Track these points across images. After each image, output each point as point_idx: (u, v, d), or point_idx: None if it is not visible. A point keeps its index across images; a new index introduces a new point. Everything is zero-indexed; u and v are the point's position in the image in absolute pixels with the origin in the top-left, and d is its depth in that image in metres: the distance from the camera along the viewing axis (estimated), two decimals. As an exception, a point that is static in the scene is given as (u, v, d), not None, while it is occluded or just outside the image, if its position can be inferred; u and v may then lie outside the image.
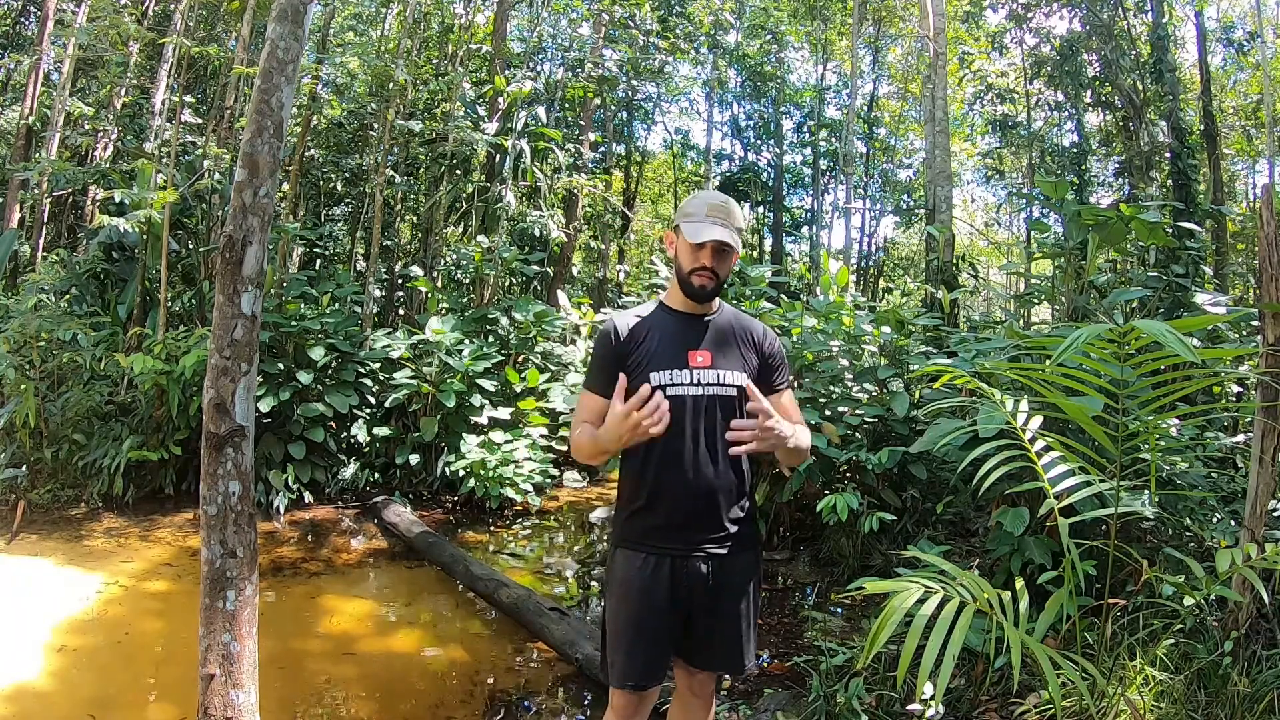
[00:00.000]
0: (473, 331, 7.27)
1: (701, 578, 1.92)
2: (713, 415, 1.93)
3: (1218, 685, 2.38)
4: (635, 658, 1.92)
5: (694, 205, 1.99)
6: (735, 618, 1.96)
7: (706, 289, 1.97)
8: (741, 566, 1.98)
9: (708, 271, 1.96)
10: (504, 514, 6.16)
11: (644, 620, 1.92)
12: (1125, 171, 13.10)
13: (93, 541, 4.92)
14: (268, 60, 2.54)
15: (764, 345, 2.06)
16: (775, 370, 2.07)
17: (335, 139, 9.80)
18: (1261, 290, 2.58)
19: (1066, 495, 2.32)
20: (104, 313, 6.85)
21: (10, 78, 12.60)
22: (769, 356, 2.06)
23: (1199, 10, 12.02)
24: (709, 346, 1.99)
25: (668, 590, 1.90)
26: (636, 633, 1.93)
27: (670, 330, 2.00)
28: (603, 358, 2.00)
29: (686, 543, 1.92)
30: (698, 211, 1.96)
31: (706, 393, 1.94)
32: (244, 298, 2.45)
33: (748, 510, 2.02)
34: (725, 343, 2.01)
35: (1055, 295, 5.24)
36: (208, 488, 2.41)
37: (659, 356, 1.96)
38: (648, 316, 2.04)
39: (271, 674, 3.03)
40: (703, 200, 1.99)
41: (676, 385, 1.93)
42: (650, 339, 1.99)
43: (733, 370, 1.97)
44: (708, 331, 2.01)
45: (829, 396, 5.12)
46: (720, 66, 17.25)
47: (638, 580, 1.92)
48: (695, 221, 1.94)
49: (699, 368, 1.96)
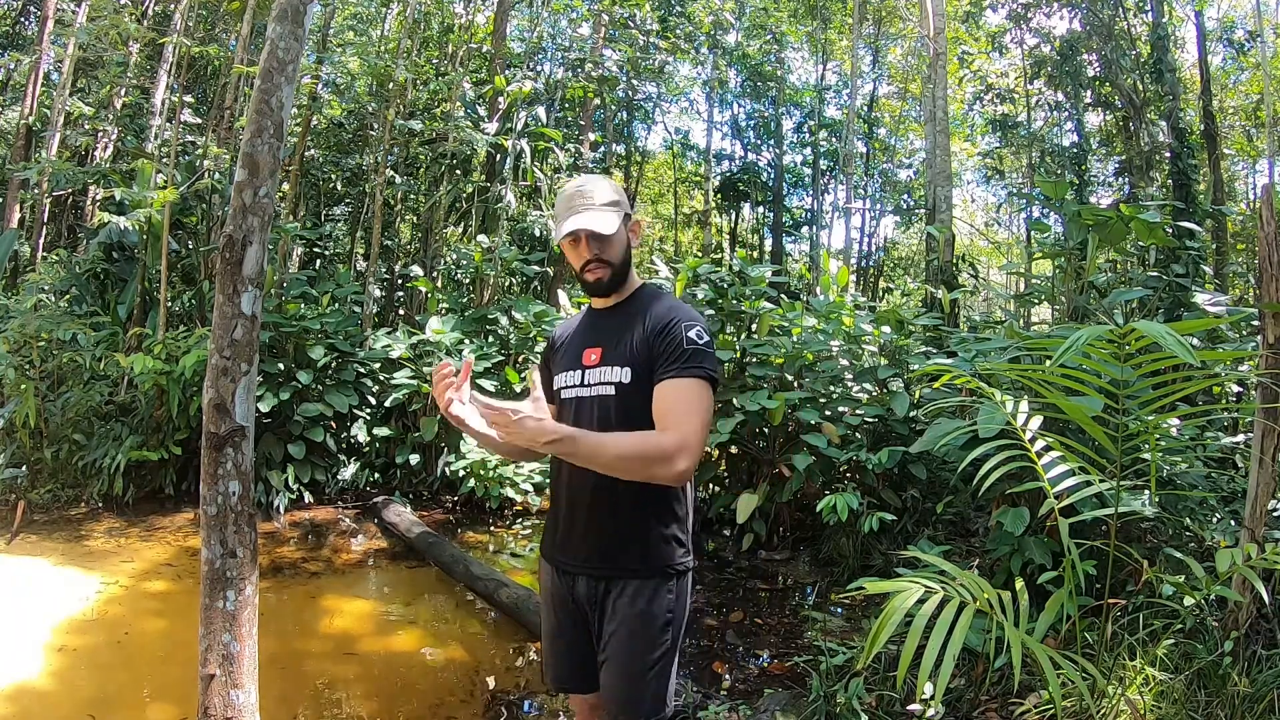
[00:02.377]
0: (473, 331, 7.27)
1: (589, 599, 1.77)
2: (591, 416, 1.76)
3: (1218, 685, 2.38)
4: (549, 663, 1.92)
5: (558, 206, 1.85)
6: (619, 654, 1.71)
7: (603, 281, 1.81)
8: (633, 606, 1.70)
9: (594, 262, 1.79)
10: (504, 514, 6.16)
11: (549, 627, 1.89)
12: (1125, 171, 13.10)
13: (93, 541, 4.92)
14: (268, 60, 2.54)
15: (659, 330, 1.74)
16: (661, 359, 1.72)
17: (335, 139, 9.81)
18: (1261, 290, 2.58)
19: (1066, 495, 2.32)
20: (104, 313, 6.85)
21: (10, 78, 12.61)
22: (658, 342, 1.73)
23: (1199, 10, 12.02)
24: (603, 342, 1.82)
25: (566, 601, 1.82)
26: (546, 639, 1.91)
27: (580, 329, 1.92)
28: (541, 364, 1.99)
29: (566, 557, 1.81)
30: (560, 212, 1.82)
31: (591, 393, 1.78)
32: (244, 298, 2.45)
33: (641, 533, 1.73)
34: (621, 335, 1.80)
35: (1055, 295, 5.24)
36: (208, 488, 2.41)
37: (563, 358, 1.89)
38: (576, 319, 1.97)
39: (271, 674, 3.03)
40: (562, 197, 1.83)
41: (570, 387, 1.83)
42: (565, 341, 1.92)
43: (614, 366, 1.77)
44: (610, 324, 1.85)
45: (829, 396, 5.12)
46: (720, 66, 17.25)
47: (548, 589, 1.88)
48: (559, 223, 1.80)
49: (590, 366, 1.81)
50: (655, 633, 1.71)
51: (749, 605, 4.32)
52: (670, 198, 20.54)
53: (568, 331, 1.95)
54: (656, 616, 1.71)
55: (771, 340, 5.35)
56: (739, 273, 6.08)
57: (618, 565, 1.73)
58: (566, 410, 1.83)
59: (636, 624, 1.70)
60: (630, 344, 1.76)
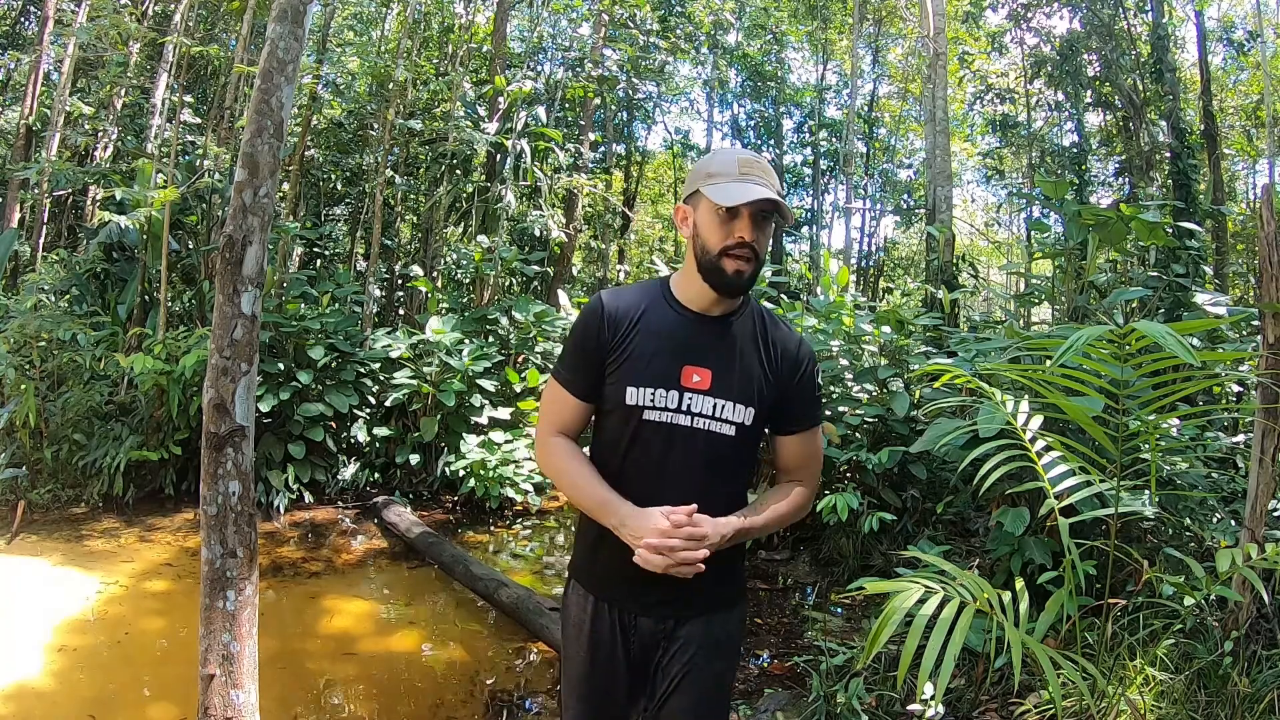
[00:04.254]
0: (473, 331, 7.27)
1: (653, 637, 1.57)
2: (694, 451, 1.50)
3: (1218, 685, 2.38)
4: (583, 711, 1.62)
5: (718, 163, 1.46)
6: (703, 682, 1.56)
7: (745, 276, 1.46)
8: (709, 631, 1.58)
9: (747, 249, 1.44)
10: (504, 514, 6.16)
11: (587, 673, 1.59)
12: (1125, 171, 13.10)
13: (93, 541, 4.92)
14: (268, 60, 2.54)
15: (790, 370, 1.54)
16: (799, 407, 1.55)
17: (335, 139, 9.81)
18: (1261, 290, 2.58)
19: (1066, 495, 2.32)
20: (104, 313, 6.84)
21: (10, 78, 12.60)
22: (796, 385, 1.54)
23: (1199, 10, 12.03)
24: (714, 362, 1.50)
25: (618, 643, 1.57)
26: (582, 684, 1.60)
27: (667, 331, 1.51)
28: (581, 345, 1.54)
29: (636, 596, 1.55)
30: (725, 170, 1.44)
31: (696, 425, 1.49)
32: (244, 298, 2.45)
33: (726, 567, 1.57)
34: (738, 359, 1.51)
35: (1055, 295, 5.24)
36: (208, 488, 2.41)
37: (644, 366, 1.49)
38: (645, 303, 1.54)
39: (271, 674, 3.03)
40: (730, 156, 1.46)
41: (661, 410, 1.49)
42: (639, 337, 1.51)
43: (734, 402, 1.50)
44: (719, 340, 1.51)
45: (829, 396, 5.12)
46: (720, 66, 17.25)
47: (588, 626, 1.59)
48: (725, 182, 1.42)
49: (693, 389, 1.49)
50: (734, 656, 1.66)
51: (749, 605, 4.32)
52: (670, 198, 20.53)
53: (643, 323, 1.52)
54: (735, 639, 1.65)
55: (771, 340, 5.34)
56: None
57: (709, 599, 1.57)
58: (651, 432, 1.50)
59: (724, 652, 1.61)
60: (750, 376, 1.51)
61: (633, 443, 1.52)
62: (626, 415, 1.51)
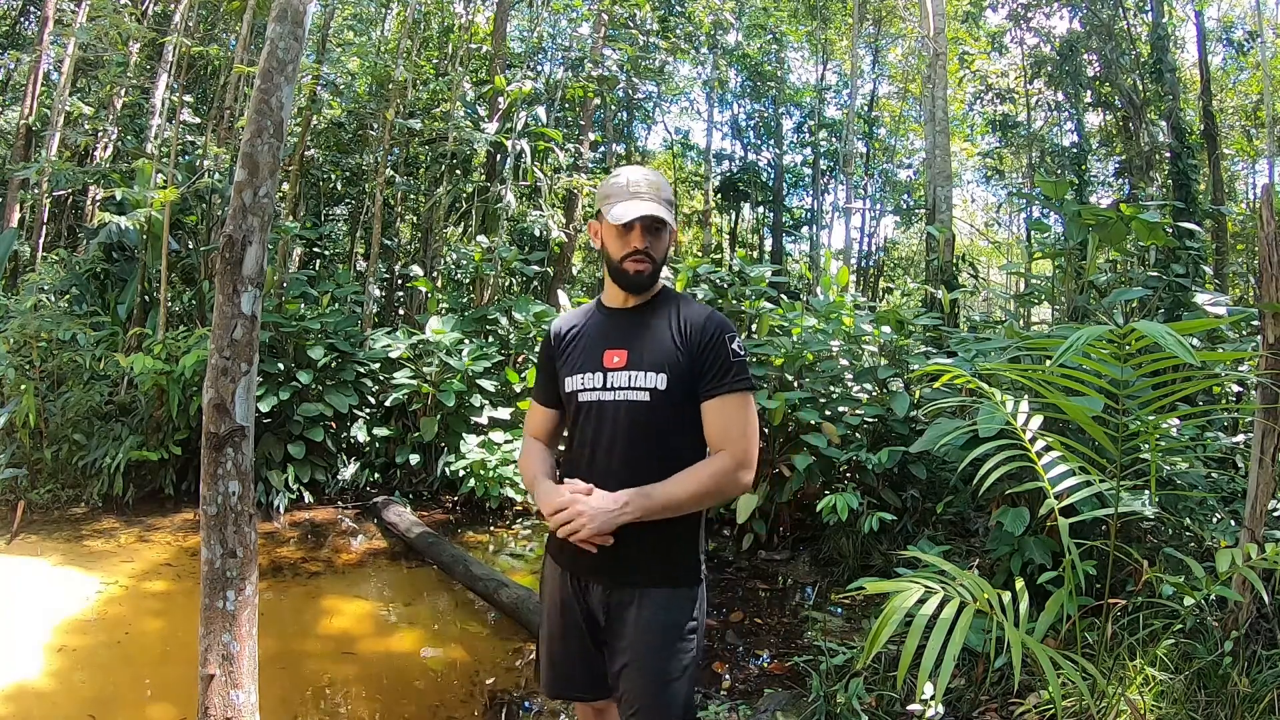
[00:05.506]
0: (473, 331, 7.27)
1: (603, 605, 1.73)
2: (617, 423, 1.69)
3: (1218, 685, 2.38)
4: (549, 669, 1.84)
5: (613, 186, 1.73)
6: (649, 663, 1.67)
7: (644, 275, 1.72)
8: (654, 615, 1.68)
9: (641, 255, 1.70)
10: (504, 514, 6.16)
11: (552, 631, 1.81)
12: (1125, 171, 13.10)
13: (93, 541, 4.92)
14: (268, 60, 2.54)
15: (697, 337, 1.70)
16: (708, 372, 1.69)
17: (335, 139, 9.81)
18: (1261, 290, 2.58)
19: (1066, 495, 2.32)
20: (104, 313, 6.85)
21: (10, 78, 12.60)
22: (702, 351, 1.69)
23: (1199, 10, 12.03)
24: (628, 342, 1.73)
25: (574, 607, 1.76)
26: (547, 643, 1.84)
27: (594, 328, 1.80)
28: (539, 363, 1.89)
29: (582, 564, 1.73)
30: (618, 191, 1.71)
31: (617, 397, 1.70)
32: (244, 298, 2.45)
33: (666, 542, 1.70)
34: (650, 337, 1.73)
35: (1055, 295, 5.24)
36: (208, 488, 2.41)
37: (576, 358, 1.77)
38: (582, 316, 1.86)
39: (271, 674, 3.03)
40: (623, 177, 1.73)
41: (588, 390, 1.73)
42: (576, 340, 1.80)
43: (647, 371, 1.69)
44: (635, 326, 1.75)
45: (829, 396, 5.12)
46: (720, 66, 17.24)
47: (554, 592, 1.80)
48: (618, 202, 1.69)
49: (613, 369, 1.71)
50: (683, 641, 1.71)
51: (749, 605, 4.32)
52: (670, 198, 20.51)
53: (576, 329, 1.83)
54: (683, 625, 1.71)
55: (771, 340, 5.35)
56: (739, 273, 6.09)
57: (643, 574, 1.70)
58: (585, 415, 1.74)
59: (665, 633, 1.69)
60: (661, 348, 1.70)
61: (575, 425, 1.78)
62: (569, 404, 1.79)
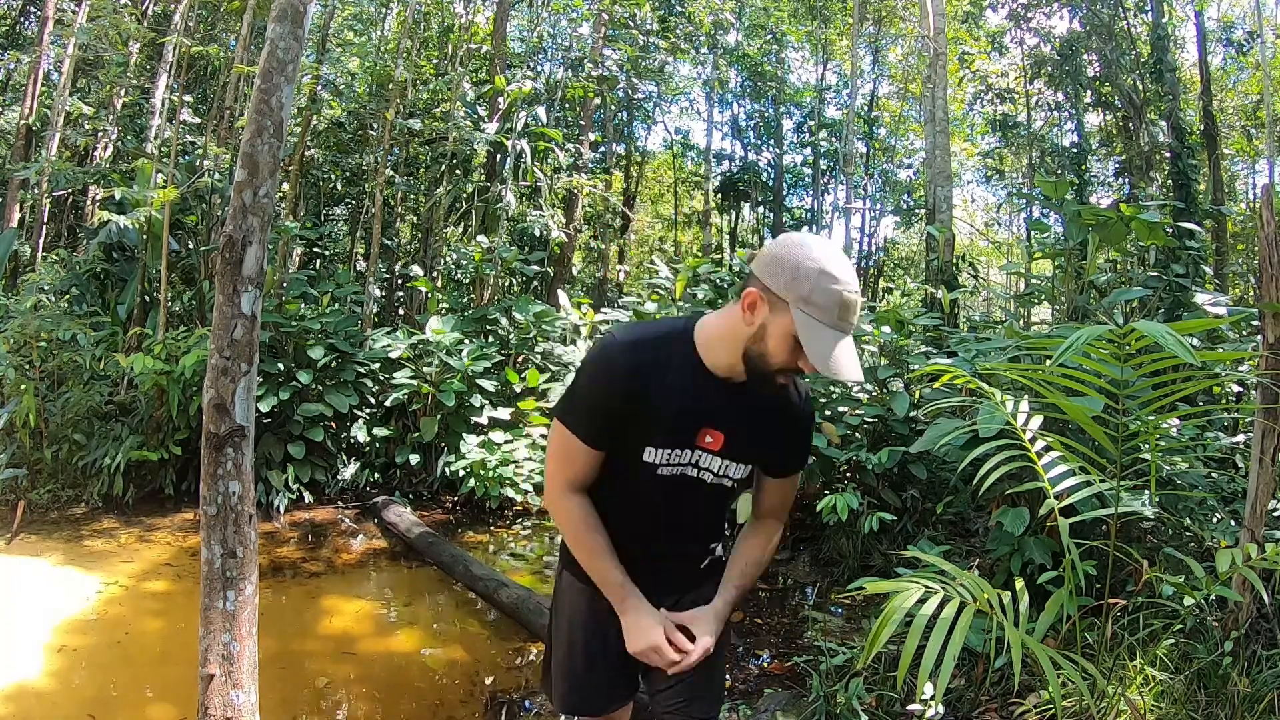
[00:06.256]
0: (473, 331, 7.27)
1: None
2: (687, 497, 1.58)
3: (1218, 685, 2.38)
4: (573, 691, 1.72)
5: (823, 295, 1.32)
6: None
7: (786, 387, 1.52)
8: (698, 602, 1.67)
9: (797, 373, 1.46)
10: (504, 514, 6.16)
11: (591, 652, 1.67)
12: (1125, 171, 13.10)
13: (93, 541, 4.92)
14: (268, 60, 2.54)
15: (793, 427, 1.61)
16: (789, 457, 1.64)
17: (335, 139, 9.81)
18: (1261, 290, 2.58)
19: (1066, 495, 2.32)
20: (104, 313, 6.84)
21: (10, 78, 12.60)
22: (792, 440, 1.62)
23: (1199, 10, 12.03)
24: (729, 425, 1.52)
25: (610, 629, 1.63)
26: (571, 662, 1.70)
27: (689, 392, 1.48)
28: (601, 402, 1.49)
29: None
30: (826, 305, 1.32)
31: (701, 477, 1.56)
32: (244, 298, 2.45)
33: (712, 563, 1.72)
34: (750, 425, 1.53)
35: (1055, 295, 5.24)
36: (208, 488, 2.41)
37: (663, 426, 1.49)
38: (664, 358, 1.48)
39: (271, 674, 3.03)
40: (835, 291, 1.32)
41: (672, 466, 1.53)
42: (659, 395, 1.47)
43: (740, 463, 1.56)
44: (736, 403, 1.51)
45: (829, 396, 5.12)
46: (720, 66, 17.24)
47: (582, 609, 1.67)
48: (823, 329, 1.33)
49: (706, 449, 1.52)
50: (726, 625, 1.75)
51: (749, 605, 4.32)
52: (670, 198, 20.53)
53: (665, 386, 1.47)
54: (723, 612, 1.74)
55: (771, 340, 5.34)
56: (739, 273, 6.09)
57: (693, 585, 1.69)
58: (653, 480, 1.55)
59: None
60: (762, 440, 1.56)
61: (637, 482, 1.56)
62: (637, 466, 1.54)
